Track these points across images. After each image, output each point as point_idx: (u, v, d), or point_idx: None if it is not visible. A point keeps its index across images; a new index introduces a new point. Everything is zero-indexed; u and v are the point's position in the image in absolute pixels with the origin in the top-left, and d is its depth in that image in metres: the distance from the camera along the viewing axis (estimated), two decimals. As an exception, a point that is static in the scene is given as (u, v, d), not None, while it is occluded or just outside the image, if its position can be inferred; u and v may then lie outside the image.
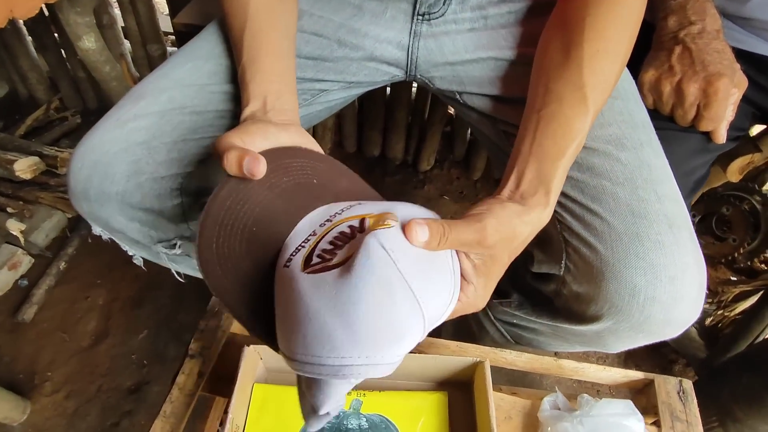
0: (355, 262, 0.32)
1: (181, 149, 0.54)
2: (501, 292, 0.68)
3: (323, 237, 0.38)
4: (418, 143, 1.31)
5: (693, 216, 1.19)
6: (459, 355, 0.63)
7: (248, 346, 0.53)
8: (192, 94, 0.55)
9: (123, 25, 1.25)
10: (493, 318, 0.72)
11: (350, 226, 0.38)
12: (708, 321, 1.05)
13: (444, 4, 0.58)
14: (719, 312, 1.04)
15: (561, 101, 0.45)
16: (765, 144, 0.77)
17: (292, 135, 0.45)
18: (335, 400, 0.34)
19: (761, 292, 0.96)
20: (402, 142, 1.32)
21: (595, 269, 0.47)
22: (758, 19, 0.63)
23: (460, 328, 0.86)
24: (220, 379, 0.61)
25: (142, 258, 0.61)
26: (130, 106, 0.53)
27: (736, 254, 1.12)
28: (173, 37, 1.39)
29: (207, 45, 0.58)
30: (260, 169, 0.39)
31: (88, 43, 0.87)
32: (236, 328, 0.66)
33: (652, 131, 0.53)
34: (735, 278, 1.14)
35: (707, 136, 0.62)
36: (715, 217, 1.16)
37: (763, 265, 1.13)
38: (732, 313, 1.03)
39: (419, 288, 0.33)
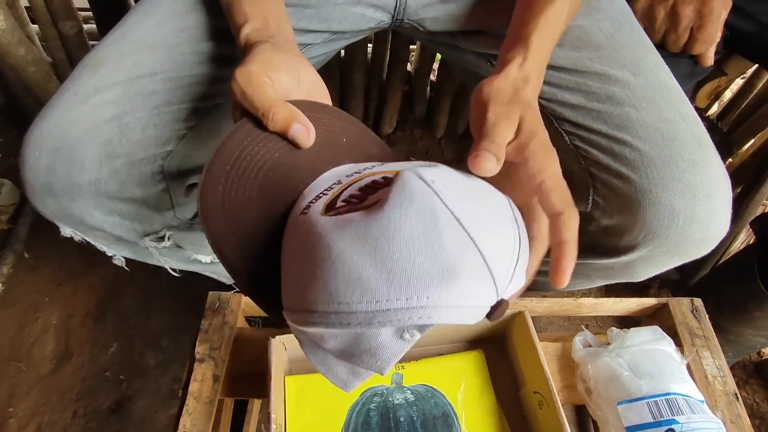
0: (389, 194, 0.27)
1: (157, 124, 0.46)
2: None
3: (351, 185, 0.33)
4: (378, 106, 1.26)
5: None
6: (481, 310, 0.61)
7: (273, 338, 0.47)
8: (160, 57, 0.46)
9: (27, 5, 1.07)
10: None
11: (384, 177, 0.33)
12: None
13: None
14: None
15: None
16: (729, 67, 0.80)
17: (310, 72, 0.40)
18: (388, 362, 0.27)
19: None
20: (361, 106, 1.26)
21: (629, 199, 0.46)
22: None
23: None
24: (235, 380, 0.55)
25: (124, 258, 0.52)
26: (88, 77, 0.44)
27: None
28: (87, 14, 1.22)
29: (166, 1, 0.50)
30: (311, 139, 0.35)
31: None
32: (242, 321, 0.60)
33: (658, 54, 0.53)
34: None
35: (693, 60, 0.63)
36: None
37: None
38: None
39: (471, 224, 0.26)
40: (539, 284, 0.68)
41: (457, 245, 0.26)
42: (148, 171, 0.46)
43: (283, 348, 0.49)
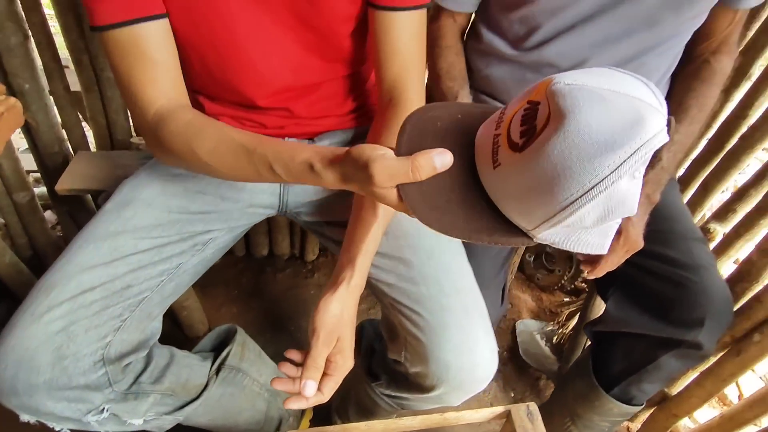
0: (554, 107, 0.38)
1: (97, 326, 0.62)
2: (374, 375, 0.85)
3: (510, 122, 0.43)
4: (302, 237, 1.46)
5: (528, 257, 1.50)
6: (370, 433, 0.77)
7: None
8: (99, 274, 0.64)
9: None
10: (380, 394, 0.88)
11: (529, 101, 0.43)
12: (555, 339, 1.33)
13: None
14: (560, 330, 1.32)
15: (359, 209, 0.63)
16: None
17: None
18: (635, 201, 0.39)
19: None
20: (287, 238, 1.46)
21: (421, 355, 0.66)
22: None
23: (361, 408, 0.97)
24: None
25: (70, 429, 0.65)
26: (42, 298, 0.61)
27: (563, 281, 1.44)
28: (36, 175, 1.39)
29: (102, 225, 0.68)
30: (449, 159, 0.41)
31: (-43, 217, 0.88)
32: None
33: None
34: (567, 299, 1.46)
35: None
36: (543, 255, 1.49)
37: (583, 284, 1.47)
38: (568, 329, 1.32)
39: (622, 89, 0.39)
40: (407, 405, 0.85)
41: (631, 101, 0.38)
42: (91, 362, 0.62)
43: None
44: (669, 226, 0.84)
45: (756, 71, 0.94)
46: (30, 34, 0.96)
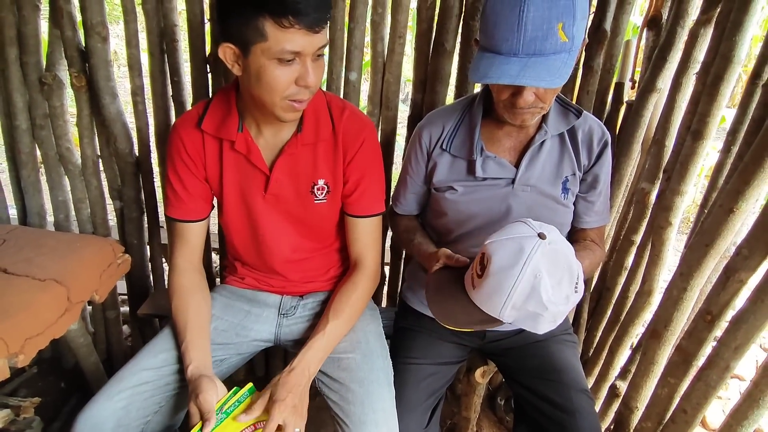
0: (487, 254, 0.81)
1: (145, 407, 0.98)
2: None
3: (475, 267, 0.85)
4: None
5: (500, 400, 1.71)
6: None
7: None
8: (152, 374, 1.01)
9: (89, 298, 1.72)
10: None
11: (481, 253, 0.84)
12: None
13: (294, 308, 1.15)
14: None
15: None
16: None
17: (219, 384, 0.93)
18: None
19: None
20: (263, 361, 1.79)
21: None
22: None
23: None
24: None
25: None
26: (115, 385, 0.98)
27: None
28: (124, 297, 1.88)
29: (160, 343, 1.06)
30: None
31: (73, 325, 1.32)
32: None
33: (388, 367, 1.07)
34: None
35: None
36: (512, 400, 1.68)
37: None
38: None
39: (510, 234, 0.83)
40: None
41: (517, 240, 0.80)
42: (136, 426, 0.96)
43: None
44: (559, 377, 1.10)
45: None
46: (145, 211, 1.51)
